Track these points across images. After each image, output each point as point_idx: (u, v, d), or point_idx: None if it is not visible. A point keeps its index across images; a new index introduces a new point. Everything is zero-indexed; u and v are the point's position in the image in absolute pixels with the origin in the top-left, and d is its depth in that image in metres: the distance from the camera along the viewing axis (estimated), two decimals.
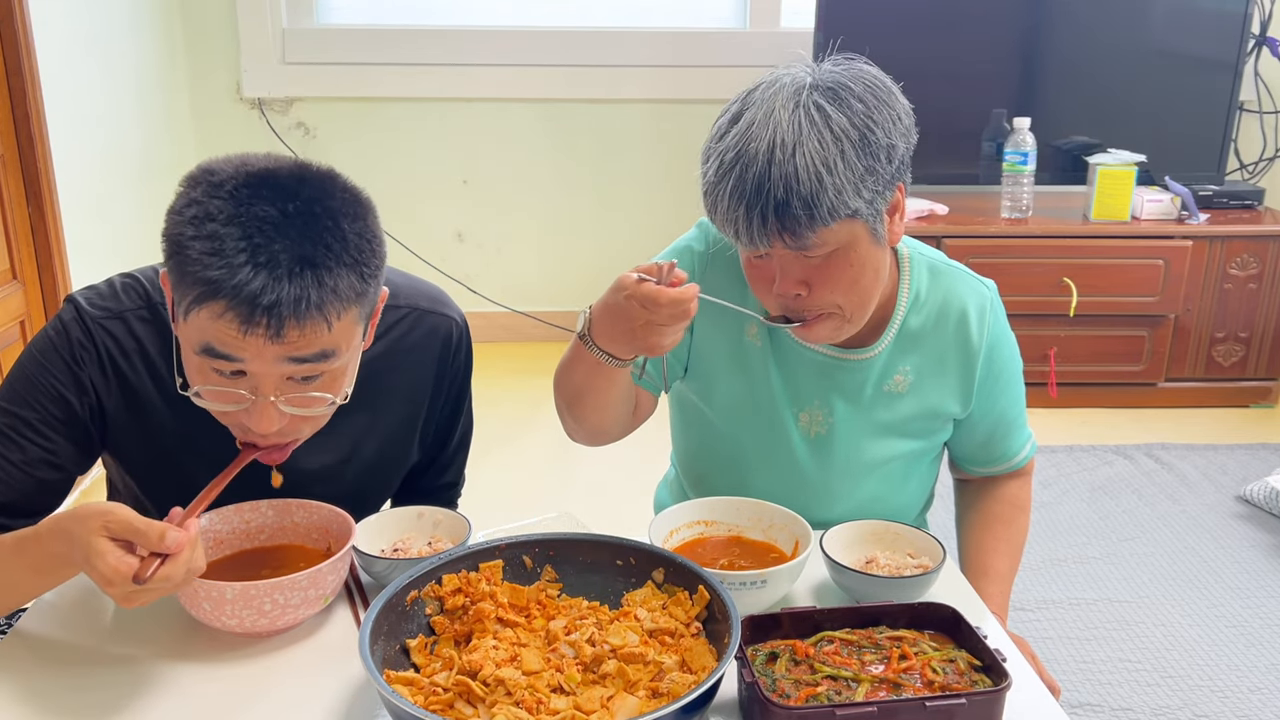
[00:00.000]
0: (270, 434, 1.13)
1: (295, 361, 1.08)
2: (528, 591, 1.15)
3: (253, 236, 1.03)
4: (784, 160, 1.16)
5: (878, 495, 1.45)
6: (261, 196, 1.05)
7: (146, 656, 1.13)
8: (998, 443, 1.50)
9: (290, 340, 1.06)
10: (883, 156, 1.19)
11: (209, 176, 1.07)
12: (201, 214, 1.05)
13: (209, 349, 1.07)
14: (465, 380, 1.46)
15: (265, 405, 1.10)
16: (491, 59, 3.88)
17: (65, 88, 2.89)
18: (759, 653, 1.09)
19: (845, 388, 1.41)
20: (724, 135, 1.22)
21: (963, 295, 1.41)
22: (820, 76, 1.22)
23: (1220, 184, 3.65)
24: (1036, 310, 3.43)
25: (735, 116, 1.22)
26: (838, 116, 1.17)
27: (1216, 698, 2.15)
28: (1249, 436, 3.42)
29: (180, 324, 1.10)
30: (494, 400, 3.55)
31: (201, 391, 1.11)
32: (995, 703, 1.01)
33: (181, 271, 1.06)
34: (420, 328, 1.37)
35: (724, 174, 1.19)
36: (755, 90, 1.23)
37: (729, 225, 1.21)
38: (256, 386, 1.10)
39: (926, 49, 3.60)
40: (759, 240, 1.20)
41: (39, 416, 1.21)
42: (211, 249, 1.03)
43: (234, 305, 1.03)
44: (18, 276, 2.72)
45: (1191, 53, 3.62)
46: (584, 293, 4.19)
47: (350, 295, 1.08)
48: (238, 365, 1.08)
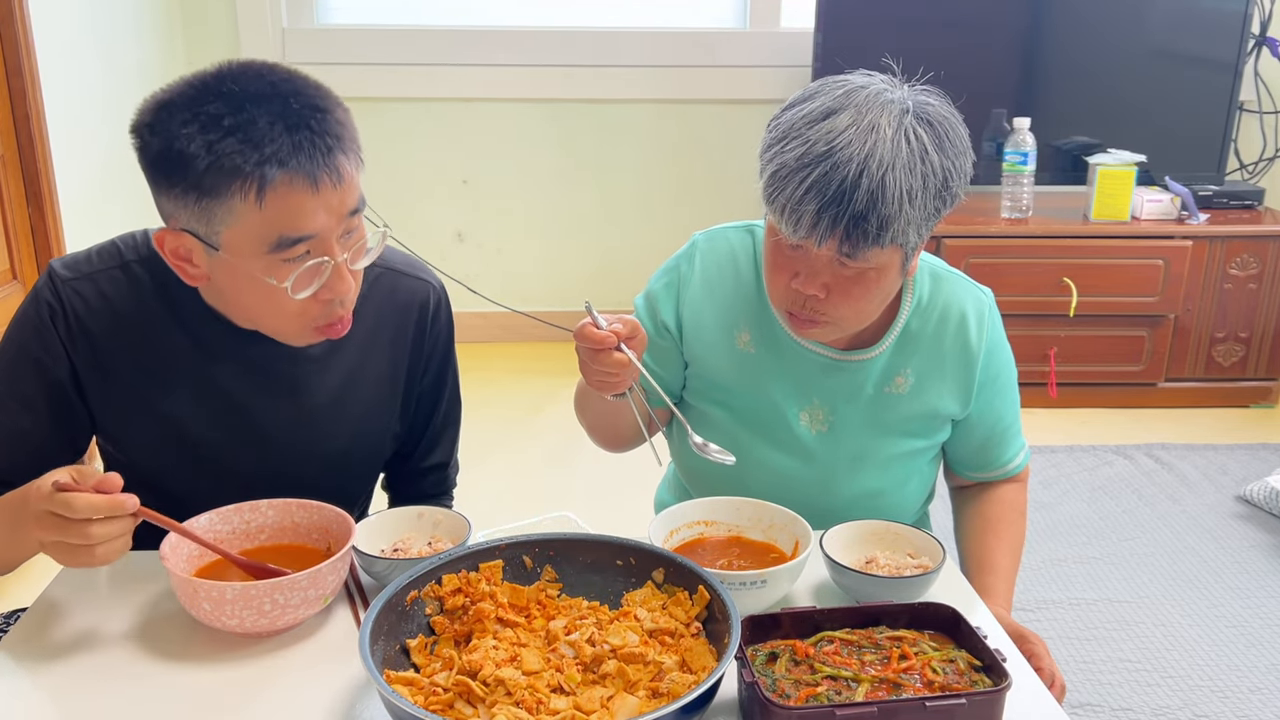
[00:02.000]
0: (348, 297, 1.20)
1: (350, 214, 1.16)
2: (528, 591, 1.15)
3: (271, 108, 1.10)
4: (876, 174, 1.16)
5: (880, 489, 1.47)
6: (241, 83, 1.11)
7: (146, 656, 1.13)
8: (993, 448, 1.52)
9: (345, 180, 1.13)
10: (947, 204, 1.23)
11: (171, 106, 1.11)
12: (209, 121, 1.09)
13: (281, 240, 1.12)
14: (447, 350, 1.47)
15: (341, 267, 1.17)
16: (491, 59, 3.88)
17: (65, 88, 2.89)
18: (759, 653, 1.09)
19: (845, 387, 1.43)
20: (814, 124, 1.19)
21: (962, 300, 1.43)
22: (918, 103, 1.22)
23: (1220, 184, 3.65)
24: (1036, 310, 3.43)
25: (828, 111, 1.20)
26: (934, 155, 1.19)
27: (1216, 698, 2.15)
28: (1249, 436, 3.42)
29: (227, 249, 1.13)
30: (494, 400, 3.56)
31: (290, 284, 1.15)
32: (995, 703, 1.01)
33: (221, 188, 1.09)
34: (398, 290, 1.39)
35: (808, 164, 1.17)
36: (849, 90, 1.21)
37: (790, 213, 1.20)
38: (326, 253, 1.15)
39: (926, 49, 3.56)
40: (814, 236, 1.20)
41: (19, 385, 1.27)
42: (244, 143, 1.08)
43: (297, 170, 1.10)
44: (18, 276, 2.72)
45: (1191, 53, 3.62)
46: (584, 293, 4.16)
47: (353, 130, 1.17)
48: (306, 244, 1.14)
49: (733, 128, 3.99)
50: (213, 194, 1.10)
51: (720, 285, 1.45)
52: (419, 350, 1.42)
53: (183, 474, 1.34)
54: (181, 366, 1.28)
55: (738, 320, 1.44)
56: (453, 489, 1.60)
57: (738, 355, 1.45)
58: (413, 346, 1.41)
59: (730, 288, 1.44)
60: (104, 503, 1.05)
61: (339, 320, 1.22)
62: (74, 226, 2.89)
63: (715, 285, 1.45)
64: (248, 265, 1.15)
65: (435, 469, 1.54)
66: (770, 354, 1.43)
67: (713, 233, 1.48)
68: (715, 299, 1.45)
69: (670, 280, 1.48)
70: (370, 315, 1.36)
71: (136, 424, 1.31)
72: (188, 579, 1.11)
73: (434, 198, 4.03)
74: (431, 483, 1.55)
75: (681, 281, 1.47)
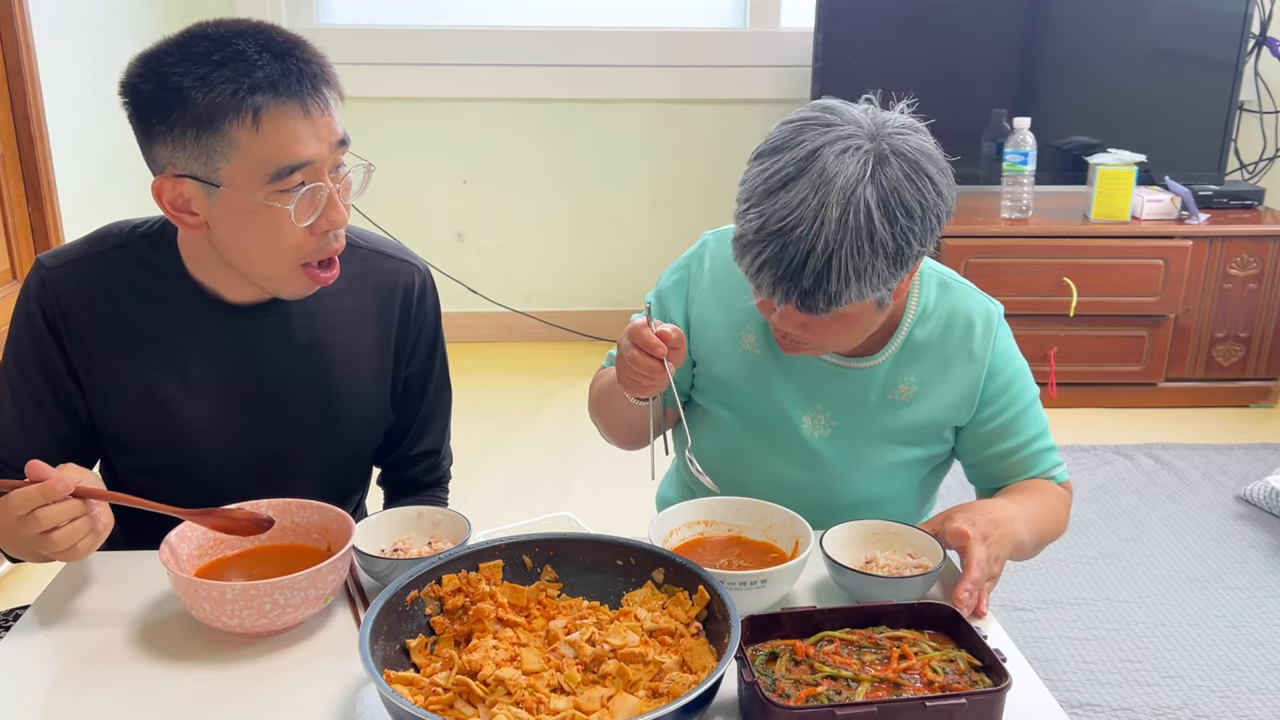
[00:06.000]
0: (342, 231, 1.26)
1: (339, 145, 1.22)
2: (528, 591, 1.15)
3: (257, 40, 1.16)
4: (821, 257, 1.18)
5: (881, 496, 1.47)
6: (224, 26, 1.18)
7: (147, 656, 1.13)
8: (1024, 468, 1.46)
9: (331, 109, 1.20)
10: (910, 264, 1.23)
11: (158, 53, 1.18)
12: (199, 58, 1.15)
13: (279, 170, 1.17)
14: (435, 333, 1.49)
15: (333, 196, 1.22)
16: (491, 59, 3.88)
17: (65, 88, 2.89)
18: (759, 653, 1.09)
19: (848, 394, 1.43)
20: (773, 193, 1.20)
21: (969, 309, 1.42)
22: (880, 155, 1.19)
23: (1220, 184, 3.65)
24: (1036, 310, 3.43)
25: (786, 179, 1.19)
26: (882, 230, 1.18)
27: (1216, 698, 2.15)
28: (1249, 436, 3.42)
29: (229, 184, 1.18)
30: (494, 400, 3.56)
31: (292, 210, 1.19)
32: (995, 703, 1.01)
33: (219, 118, 1.14)
34: (383, 272, 1.42)
35: (764, 240, 1.20)
36: (813, 152, 1.20)
37: (751, 277, 1.24)
38: (318, 181, 1.20)
39: (926, 49, 3.60)
40: (774, 299, 1.24)
41: (30, 385, 1.31)
42: (236, 72, 1.14)
43: (289, 96, 1.16)
44: (18, 276, 2.72)
45: (1191, 53, 3.62)
46: (584, 293, 4.20)
47: (329, 64, 1.23)
48: (302, 173, 1.18)
49: (733, 128, 3.99)
50: (210, 127, 1.15)
51: (728, 285, 1.45)
52: (405, 332, 1.44)
53: (176, 458, 1.35)
54: (167, 345, 1.31)
55: (744, 321, 1.44)
56: (448, 479, 1.60)
57: (743, 356, 1.45)
58: (399, 328, 1.44)
59: (738, 289, 1.43)
60: (35, 491, 1.09)
61: (332, 257, 1.27)
62: (74, 226, 2.89)
63: (723, 285, 1.45)
64: (247, 200, 1.18)
65: (427, 455, 1.55)
66: (775, 357, 1.43)
67: (723, 232, 1.48)
68: (723, 299, 1.45)
69: (680, 279, 1.49)
70: (355, 293, 1.39)
71: (126, 407, 1.33)
72: (188, 579, 1.11)
73: (434, 198, 4.03)
74: (424, 469, 1.55)
75: (691, 280, 1.48)
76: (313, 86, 1.18)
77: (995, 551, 1.25)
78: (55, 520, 1.11)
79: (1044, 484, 1.46)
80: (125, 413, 1.34)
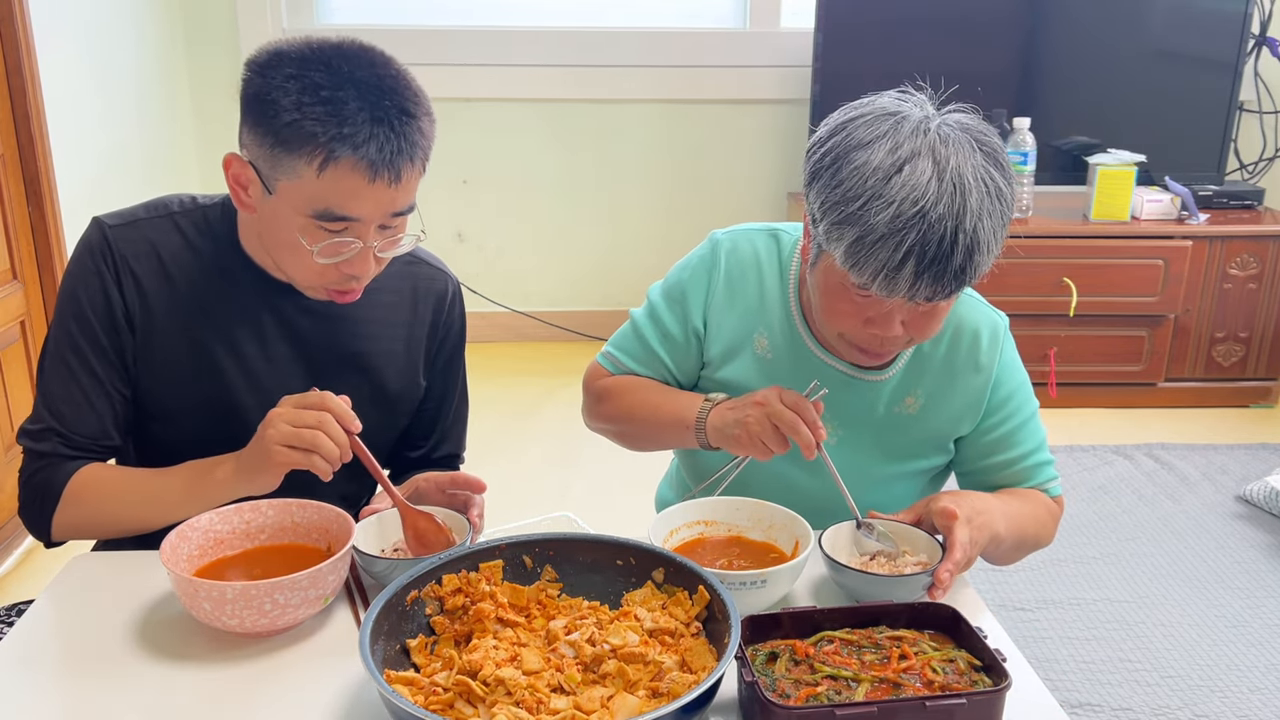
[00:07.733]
0: (362, 275, 1.28)
1: (395, 215, 1.25)
2: (528, 591, 1.15)
3: (366, 97, 1.18)
4: (969, 229, 1.15)
5: (879, 505, 1.45)
6: (351, 64, 1.19)
7: (147, 656, 1.13)
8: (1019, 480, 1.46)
9: (402, 184, 1.21)
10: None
11: (284, 58, 1.19)
12: (308, 85, 1.17)
13: (326, 213, 1.20)
14: (460, 341, 1.54)
15: (368, 251, 1.25)
16: (492, 59, 3.88)
17: (65, 88, 2.89)
18: (759, 653, 1.09)
19: (856, 406, 1.43)
20: (890, 178, 1.16)
21: (976, 320, 1.43)
22: (975, 133, 1.20)
23: (1220, 184, 3.65)
24: (1036, 310, 3.43)
25: (901, 161, 1.16)
26: (1006, 190, 1.18)
27: (1216, 698, 2.15)
28: (1249, 436, 3.42)
29: (280, 196, 1.21)
30: (495, 400, 3.55)
31: (318, 250, 1.23)
32: (995, 703, 1.01)
33: (294, 145, 1.17)
34: (420, 277, 1.47)
35: (901, 228, 1.14)
36: (914, 128, 1.18)
37: (886, 276, 1.17)
38: (360, 237, 1.23)
39: (926, 49, 3.60)
40: (909, 293, 1.18)
41: (83, 325, 1.32)
42: (327, 115, 1.16)
43: (363, 159, 1.17)
44: (18, 276, 2.72)
45: (1191, 53, 3.63)
46: (584, 293, 4.20)
47: (430, 141, 1.26)
48: (348, 224, 1.21)
49: (733, 128, 3.99)
50: (284, 147, 1.18)
51: (743, 289, 1.44)
52: (434, 334, 1.49)
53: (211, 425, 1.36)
54: (214, 312, 1.35)
55: (757, 324, 1.44)
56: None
57: (755, 359, 1.44)
58: (430, 329, 1.48)
59: (753, 292, 1.44)
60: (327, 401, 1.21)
61: (350, 290, 1.30)
62: (74, 226, 2.89)
63: (738, 288, 1.45)
64: (289, 218, 1.22)
65: (448, 459, 1.58)
66: (787, 361, 1.43)
67: (735, 233, 1.47)
68: (737, 302, 1.45)
69: (700, 278, 1.47)
70: (393, 290, 1.43)
71: (170, 364, 1.35)
72: (188, 579, 1.11)
73: (434, 198, 4.03)
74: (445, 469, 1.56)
75: (710, 280, 1.46)
76: (393, 159, 1.19)
77: (975, 536, 1.25)
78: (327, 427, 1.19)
79: (1035, 494, 1.46)
80: (170, 370, 1.35)
